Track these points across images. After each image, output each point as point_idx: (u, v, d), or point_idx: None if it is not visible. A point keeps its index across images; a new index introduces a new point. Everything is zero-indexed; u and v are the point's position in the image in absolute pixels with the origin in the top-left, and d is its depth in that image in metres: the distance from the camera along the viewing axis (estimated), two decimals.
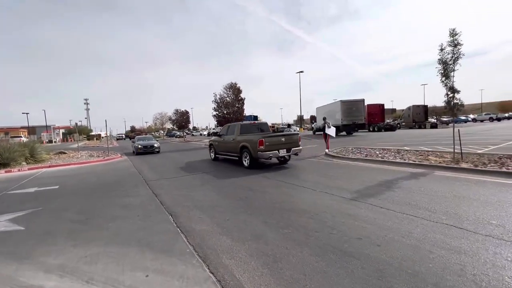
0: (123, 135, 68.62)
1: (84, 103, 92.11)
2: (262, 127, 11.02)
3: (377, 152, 10.44)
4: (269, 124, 55.36)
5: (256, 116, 48.98)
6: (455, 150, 8.05)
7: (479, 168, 6.47)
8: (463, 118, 46.61)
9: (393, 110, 74.23)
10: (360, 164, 8.74)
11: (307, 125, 65.42)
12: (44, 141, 51.20)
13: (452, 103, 7.85)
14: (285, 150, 9.05)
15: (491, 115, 46.63)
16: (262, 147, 8.66)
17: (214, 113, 23.59)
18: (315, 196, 5.21)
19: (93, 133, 67.76)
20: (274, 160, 10.30)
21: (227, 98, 23.35)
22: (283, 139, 9.17)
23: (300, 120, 60.21)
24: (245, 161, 9.48)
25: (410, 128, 34.43)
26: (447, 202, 4.34)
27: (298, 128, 51.41)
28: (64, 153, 17.43)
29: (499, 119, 44.61)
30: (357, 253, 2.84)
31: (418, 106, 35.72)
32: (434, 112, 46.44)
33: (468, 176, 6.09)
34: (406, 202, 4.45)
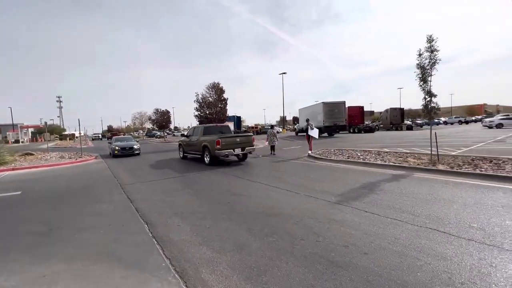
0: (100, 135, 65.09)
1: (57, 101, 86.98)
2: (223, 130, 12.20)
3: (359, 154, 10.60)
4: (252, 124, 55.25)
5: (239, 117, 48.63)
6: (432, 152, 8.32)
7: (455, 170, 6.70)
8: (435, 120, 49.25)
9: (372, 112, 76.85)
10: (342, 166, 8.80)
11: (290, 126, 66.11)
12: (10, 141, 47.59)
13: (430, 106, 8.11)
14: (240, 149, 10.42)
15: (460, 118, 49.75)
16: (219, 146, 9.96)
17: (196, 113, 22.96)
18: (300, 200, 5.09)
19: (66, 133, 64.03)
20: (234, 158, 11.64)
21: (210, 98, 22.82)
22: (238, 139, 10.57)
23: (283, 121, 60.65)
24: (206, 159, 10.69)
25: (388, 130, 35.76)
26: (428, 205, 4.38)
27: (281, 129, 51.74)
28: (31, 154, 16.15)
29: (467, 122, 47.71)
30: (345, 263, 2.71)
31: (395, 109, 37.26)
32: (409, 115, 48.73)
33: (445, 178, 6.26)
34: (389, 206, 4.44)
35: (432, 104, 8.08)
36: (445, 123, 49.89)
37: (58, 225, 4.36)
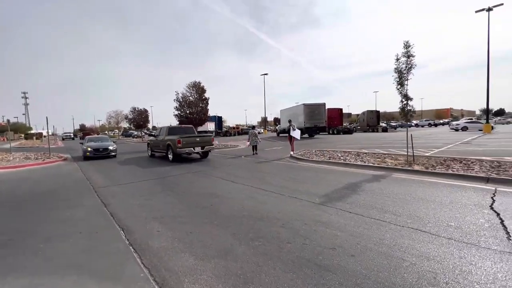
0: (71, 134, 59.61)
1: (22, 97, 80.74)
2: (186, 130, 13.52)
3: (339, 155, 10.82)
4: (233, 125, 54.73)
5: (221, 117, 48.21)
6: (408, 153, 8.68)
7: (430, 170, 7.01)
8: (407, 123, 52.09)
9: (349, 115, 79.56)
10: (324, 167, 8.91)
11: (271, 127, 66.53)
12: None
13: (406, 109, 8.46)
14: (200, 147, 11.87)
15: (430, 121, 53.04)
16: (180, 145, 11.30)
17: (176, 112, 22.29)
18: (284, 202, 5.03)
19: (32, 132, 59.50)
20: (197, 155, 13.36)
21: (190, 98, 22.27)
22: (198, 139, 11.97)
23: (264, 122, 60.93)
24: (170, 156, 11.97)
25: (365, 131, 37.16)
26: (408, 205, 4.50)
27: (262, 130, 51.93)
28: None
29: (436, 125, 51.08)
30: (333, 266, 2.67)
31: (372, 111, 38.83)
32: (384, 117, 51.08)
33: (421, 178, 6.53)
34: (372, 206, 4.52)
35: (409, 107, 8.44)
36: (416, 125, 52.95)
37: (20, 234, 3.93)
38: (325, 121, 27.36)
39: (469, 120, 33.30)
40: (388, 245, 3.07)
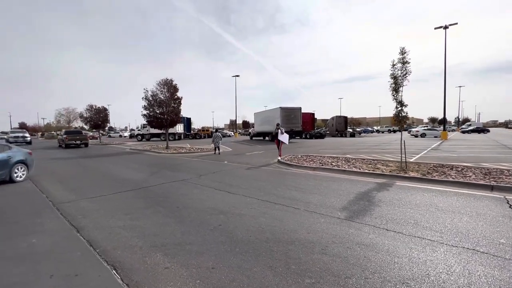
0: (26, 136, 41.17)
1: None
2: (75, 133, 25.13)
3: (329, 160, 10.58)
4: (200, 127, 52.52)
5: (189, 119, 46.07)
6: (394, 159, 8.71)
7: (429, 178, 6.98)
8: (370, 129, 55.74)
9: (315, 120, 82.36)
10: (321, 174, 8.49)
11: (240, 130, 65.66)
12: None
13: (401, 115, 8.48)
14: (79, 141, 23.75)
15: (389, 128, 57.36)
16: (67, 140, 22.95)
17: (144, 112, 20.29)
18: (305, 218, 4.37)
19: None
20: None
21: (161, 96, 20.50)
22: (78, 137, 24.03)
23: (234, 125, 59.93)
24: (63, 146, 23.42)
25: (333, 136, 38.50)
26: (439, 218, 4.18)
27: (233, 133, 50.93)
28: None
29: (394, 131, 55.34)
30: None
31: (340, 117, 40.52)
32: (351, 123, 53.88)
33: (426, 186, 6.42)
34: (404, 220, 4.11)
35: (403, 113, 8.47)
36: (378, 131, 56.86)
37: None
38: (301, 125, 27.56)
39: (426, 127, 36.64)
40: (463, 275, 2.59)
